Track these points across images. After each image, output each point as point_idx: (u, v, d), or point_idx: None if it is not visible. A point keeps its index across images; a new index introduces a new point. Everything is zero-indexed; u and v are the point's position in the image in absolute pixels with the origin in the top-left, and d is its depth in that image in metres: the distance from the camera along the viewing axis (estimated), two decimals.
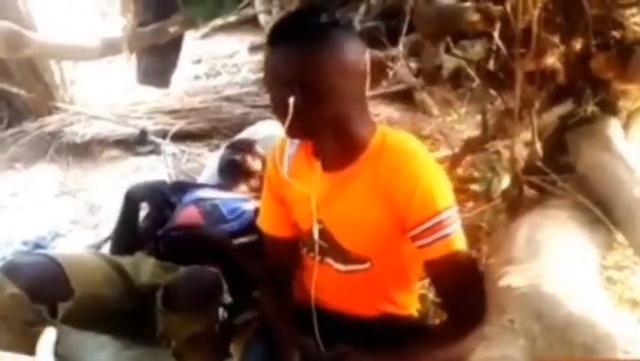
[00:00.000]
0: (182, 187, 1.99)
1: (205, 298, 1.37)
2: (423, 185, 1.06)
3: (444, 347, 1.07)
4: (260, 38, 5.36)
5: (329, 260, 1.21)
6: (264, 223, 1.32)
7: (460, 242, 1.08)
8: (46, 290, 1.33)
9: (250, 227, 1.76)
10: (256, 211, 1.75)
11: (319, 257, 1.21)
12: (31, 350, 1.27)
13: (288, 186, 1.21)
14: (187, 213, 1.81)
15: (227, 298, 1.40)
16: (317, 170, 1.17)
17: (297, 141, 1.21)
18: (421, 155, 1.11)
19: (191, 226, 1.75)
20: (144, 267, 1.61)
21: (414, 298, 1.34)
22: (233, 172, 2.05)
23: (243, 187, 2.02)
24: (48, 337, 1.15)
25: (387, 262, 1.18)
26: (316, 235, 1.18)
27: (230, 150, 2.14)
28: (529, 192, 1.73)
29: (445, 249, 1.06)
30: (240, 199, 1.89)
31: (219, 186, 2.02)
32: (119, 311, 1.50)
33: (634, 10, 1.62)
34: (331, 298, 1.23)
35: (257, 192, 2.04)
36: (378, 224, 1.12)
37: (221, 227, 1.76)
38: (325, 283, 1.21)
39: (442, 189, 1.08)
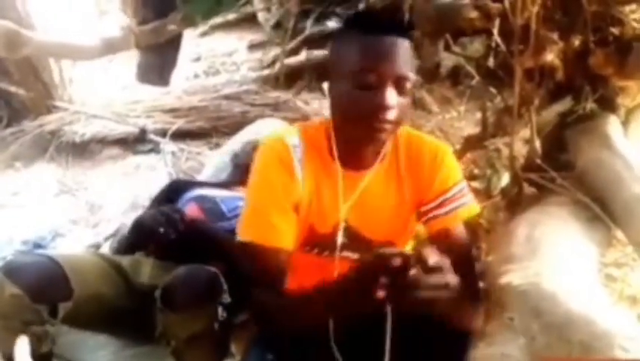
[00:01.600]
0: (182, 186, 1.99)
1: (204, 297, 1.36)
2: (445, 155, 1.17)
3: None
4: (259, 36, 5.35)
5: (347, 254, 1.21)
6: (272, 238, 1.15)
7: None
8: (47, 290, 1.33)
9: None
10: None
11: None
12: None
13: (301, 190, 1.16)
14: (188, 211, 1.81)
15: (227, 298, 1.40)
16: (336, 170, 1.16)
17: (298, 144, 1.17)
18: (428, 136, 1.23)
19: (192, 221, 1.75)
20: (144, 267, 1.61)
21: None
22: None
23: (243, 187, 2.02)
24: (22, 345, 1.14)
25: (404, 242, 1.24)
26: (341, 235, 1.18)
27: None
28: (528, 189, 1.73)
29: (473, 209, 1.17)
30: (240, 197, 1.89)
31: (219, 185, 2.02)
32: (119, 311, 1.49)
33: (633, 6, 1.62)
34: None
35: None
36: (407, 208, 1.19)
37: (222, 224, 1.77)
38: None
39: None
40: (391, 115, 1.03)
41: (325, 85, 1.15)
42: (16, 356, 1.14)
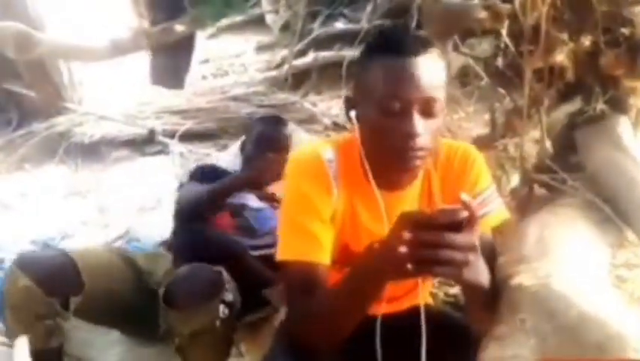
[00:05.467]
0: (210, 172, 1.95)
1: (204, 295, 1.38)
2: (475, 160, 1.16)
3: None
4: (267, 38, 5.36)
5: None
6: (316, 254, 1.08)
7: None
8: (58, 283, 1.35)
9: None
10: None
11: None
12: (40, 343, 1.31)
13: (335, 206, 1.11)
14: (222, 222, 1.83)
15: (229, 296, 1.41)
16: (371, 191, 1.09)
17: (333, 160, 1.11)
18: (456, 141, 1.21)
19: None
20: (161, 262, 1.63)
21: None
22: (264, 147, 1.91)
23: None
24: (21, 346, 1.16)
25: None
26: None
27: (264, 124, 2.02)
28: (538, 190, 1.73)
29: (503, 215, 1.16)
30: (271, 215, 1.86)
31: (249, 185, 1.86)
32: (130, 307, 1.51)
33: None
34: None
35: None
36: None
37: (251, 242, 1.79)
38: None
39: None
40: (419, 142, 0.99)
41: (352, 113, 1.08)
42: (15, 356, 1.15)
